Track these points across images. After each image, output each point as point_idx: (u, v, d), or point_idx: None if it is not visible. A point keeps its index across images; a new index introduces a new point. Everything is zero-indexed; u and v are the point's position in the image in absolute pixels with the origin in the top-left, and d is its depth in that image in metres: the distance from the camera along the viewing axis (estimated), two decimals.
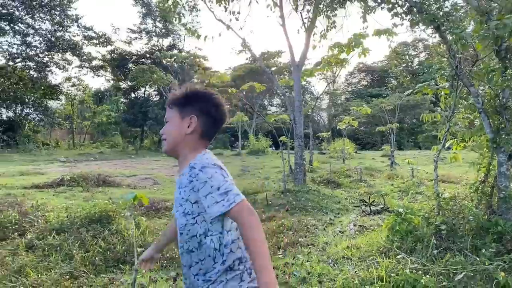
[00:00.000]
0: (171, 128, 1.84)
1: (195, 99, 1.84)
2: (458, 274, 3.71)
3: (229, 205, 1.56)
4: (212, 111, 1.83)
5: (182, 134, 1.80)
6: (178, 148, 1.82)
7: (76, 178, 9.57)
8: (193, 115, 1.81)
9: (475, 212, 4.41)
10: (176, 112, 1.84)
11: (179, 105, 1.85)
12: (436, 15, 4.35)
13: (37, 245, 4.96)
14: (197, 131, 1.81)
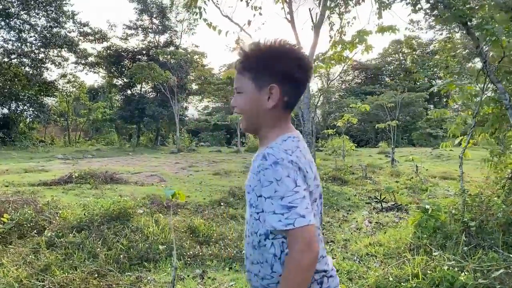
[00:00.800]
0: (246, 102, 1.47)
1: (274, 60, 1.43)
2: (492, 271, 3.70)
3: (285, 225, 1.26)
4: (296, 73, 1.44)
5: (261, 109, 1.45)
6: (258, 125, 1.49)
7: (83, 175, 9.46)
8: (273, 84, 1.42)
9: (504, 209, 4.41)
10: (250, 80, 1.45)
11: (252, 71, 1.45)
12: (465, 11, 4.33)
13: (58, 243, 4.88)
14: (279, 103, 1.44)
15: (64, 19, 30.62)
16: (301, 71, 1.44)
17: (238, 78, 1.49)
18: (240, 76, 1.48)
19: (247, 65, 1.46)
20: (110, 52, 35.27)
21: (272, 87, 1.41)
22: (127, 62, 36.31)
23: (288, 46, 1.44)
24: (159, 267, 4.71)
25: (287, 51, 1.43)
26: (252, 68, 1.44)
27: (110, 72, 37.69)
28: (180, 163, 16.81)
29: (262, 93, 1.43)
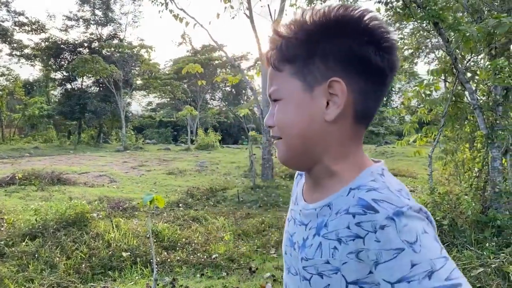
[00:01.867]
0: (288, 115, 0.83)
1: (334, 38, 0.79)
2: (469, 269, 3.76)
3: None
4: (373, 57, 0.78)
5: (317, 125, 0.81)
6: (313, 153, 0.83)
7: (27, 176, 8.73)
8: (335, 78, 0.79)
9: (473, 207, 4.52)
10: (292, 77, 0.82)
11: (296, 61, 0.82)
12: (437, 11, 4.39)
13: (8, 253, 4.39)
14: (347, 108, 0.80)
15: None
16: (379, 52, 0.79)
17: (272, 77, 0.86)
18: (276, 74, 0.85)
19: (287, 53, 0.82)
20: (49, 44, 33.23)
21: (333, 81, 0.78)
22: (67, 54, 34.39)
23: (355, 13, 0.80)
24: (124, 275, 4.37)
25: (354, 21, 0.79)
26: (296, 57, 0.81)
27: (48, 65, 35.55)
28: (129, 162, 16.13)
29: (315, 93, 0.81)
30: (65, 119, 36.73)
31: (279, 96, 0.84)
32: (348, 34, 0.79)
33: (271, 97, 0.86)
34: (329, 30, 0.79)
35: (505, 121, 4.68)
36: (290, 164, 0.88)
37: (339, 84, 0.78)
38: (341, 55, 0.79)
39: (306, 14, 0.81)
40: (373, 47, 0.79)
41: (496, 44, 4.75)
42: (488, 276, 3.74)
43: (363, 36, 0.79)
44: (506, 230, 4.28)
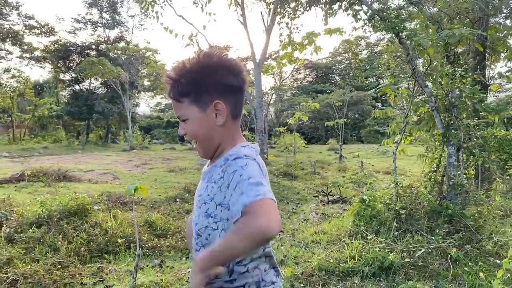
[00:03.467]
0: (195, 127, 1.41)
1: (206, 76, 1.37)
2: (417, 251, 4.30)
3: (255, 196, 1.17)
4: (232, 81, 1.39)
5: (213, 129, 1.40)
6: (216, 146, 1.44)
7: (36, 173, 9.38)
8: (216, 100, 1.37)
9: (429, 198, 5.05)
10: (190, 104, 1.39)
11: (190, 94, 1.38)
12: (397, 23, 4.91)
13: (17, 238, 5.00)
14: (227, 116, 1.40)
15: (7, 10, 29.30)
16: (235, 77, 1.39)
17: (177, 106, 1.41)
18: (178, 104, 1.40)
19: (182, 90, 1.37)
20: (58, 46, 34.10)
21: (216, 103, 1.37)
22: (75, 56, 35.24)
23: (214, 56, 1.38)
24: (118, 258, 4.97)
25: (215, 62, 1.37)
26: (189, 92, 1.37)
27: (57, 67, 36.42)
28: (133, 160, 16.77)
29: (208, 112, 1.38)
30: (73, 120, 37.56)
31: (186, 117, 1.42)
32: (216, 71, 1.38)
33: (180, 118, 1.44)
34: (204, 71, 1.37)
35: (459, 121, 5.18)
36: (207, 156, 1.50)
37: (220, 104, 1.38)
38: (216, 86, 1.38)
39: (187, 61, 1.39)
40: (231, 75, 1.39)
41: (452, 52, 5.25)
42: (434, 257, 4.27)
43: (223, 70, 1.38)
44: (455, 218, 4.80)
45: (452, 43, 4.82)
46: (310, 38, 13.02)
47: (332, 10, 6.14)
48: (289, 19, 9.60)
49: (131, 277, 4.02)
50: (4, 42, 29.82)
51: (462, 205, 4.99)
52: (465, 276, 3.93)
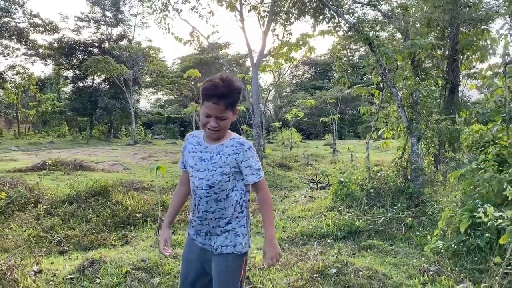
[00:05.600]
0: (227, 124, 2.18)
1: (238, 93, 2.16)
2: (379, 219, 5.36)
3: (259, 178, 2.19)
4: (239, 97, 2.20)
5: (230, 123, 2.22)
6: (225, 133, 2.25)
7: (55, 163, 10.43)
8: (235, 108, 2.20)
9: (394, 180, 6.10)
10: (230, 111, 2.16)
11: (233, 106, 2.17)
12: (368, 34, 5.92)
13: (54, 212, 6.06)
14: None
15: (12, 9, 30.21)
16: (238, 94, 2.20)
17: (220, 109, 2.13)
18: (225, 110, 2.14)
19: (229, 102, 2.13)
20: (61, 44, 35.04)
21: (235, 109, 2.21)
22: (78, 54, 36.19)
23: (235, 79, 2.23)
24: (138, 229, 6.02)
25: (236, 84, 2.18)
26: (232, 105, 2.16)
27: (60, 64, 37.38)
28: (139, 154, 17.82)
29: (234, 115, 2.21)
30: (77, 115, 38.50)
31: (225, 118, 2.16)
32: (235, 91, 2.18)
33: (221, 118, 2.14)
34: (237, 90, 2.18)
35: (420, 116, 6.22)
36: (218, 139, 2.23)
37: (236, 110, 2.26)
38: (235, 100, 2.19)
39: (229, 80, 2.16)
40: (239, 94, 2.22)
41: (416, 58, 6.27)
42: (393, 225, 5.34)
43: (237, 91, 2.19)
44: (414, 195, 5.86)
45: (414, 51, 5.84)
46: (304, 39, 13.99)
47: (317, 21, 7.12)
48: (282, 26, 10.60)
49: (151, 239, 5.08)
50: (11, 39, 30.73)
51: (421, 185, 6.05)
52: (415, 238, 4.99)
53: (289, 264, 4.11)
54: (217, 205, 2.21)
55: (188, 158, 2.32)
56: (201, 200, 2.22)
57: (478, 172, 4.15)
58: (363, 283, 3.49)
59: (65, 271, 3.82)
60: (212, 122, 2.16)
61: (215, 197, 2.20)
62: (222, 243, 2.22)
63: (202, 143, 2.30)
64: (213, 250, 2.23)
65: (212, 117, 2.15)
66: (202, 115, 2.19)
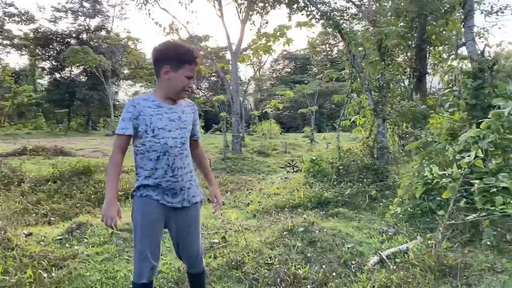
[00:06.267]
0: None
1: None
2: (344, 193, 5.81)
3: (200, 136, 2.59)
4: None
5: None
6: None
7: (35, 148, 10.56)
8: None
9: (361, 158, 6.56)
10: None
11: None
12: (338, 22, 6.33)
13: (38, 189, 6.30)
14: None
15: None
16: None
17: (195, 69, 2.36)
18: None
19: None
20: (38, 35, 34.55)
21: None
22: (55, 45, 35.73)
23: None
24: (120, 204, 6.29)
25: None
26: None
27: (37, 55, 36.83)
28: None
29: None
30: (54, 107, 38.00)
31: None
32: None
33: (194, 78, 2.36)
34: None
35: (385, 99, 6.68)
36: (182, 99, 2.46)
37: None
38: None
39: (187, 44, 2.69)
40: None
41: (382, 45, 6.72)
42: (359, 197, 5.79)
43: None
44: (379, 171, 6.33)
45: (380, 39, 6.28)
46: (281, 30, 14.36)
47: (292, 9, 7.50)
48: (258, 15, 10.93)
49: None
50: None
51: (386, 163, 6.53)
52: (378, 208, 5.45)
53: (262, 227, 4.51)
54: (186, 160, 2.36)
55: (154, 121, 2.29)
56: (176, 158, 2.30)
57: (433, 144, 4.61)
58: (327, 239, 3.90)
59: (54, 234, 4.12)
60: (191, 83, 2.35)
61: (186, 153, 2.36)
62: (193, 194, 2.39)
63: (162, 105, 2.35)
64: (185, 203, 2.35)
65: (191, 79, 2.33)
66: (182, 79, 2.30)
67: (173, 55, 2.30)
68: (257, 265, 3.36)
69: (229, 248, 3.75)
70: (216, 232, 4.38)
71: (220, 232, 4.37)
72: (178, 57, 2.29)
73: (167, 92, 2.37)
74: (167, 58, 2.31)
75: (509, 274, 3.25)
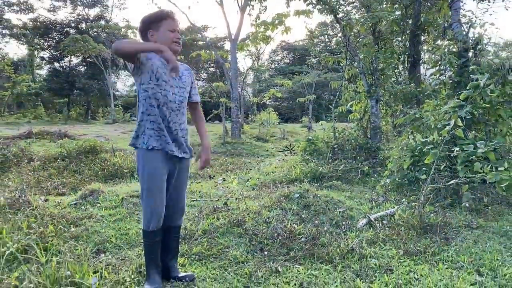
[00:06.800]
0: None
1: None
2: (340, 169, 6.14)
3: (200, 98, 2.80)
4: None
5: None
6: None
7: (40, 132, 10.87)
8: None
9: (355, 137, 6.90)
10: None
11: None
12: (335, 6, 6.62)
13: (48, 167, 6.62)
14: None
15: None
16: None
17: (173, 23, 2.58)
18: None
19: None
20: (37, 24, 34.64)
21: None
22: (55, 34, 35.85)
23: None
24: (126, 181, 6.64)
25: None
26: None
27: (37, 44, 36.93)
28: (119, 130, 18.25)
29: None
30: (54, 96, 38.19)
31: None
32: None
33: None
34: None
35: (378, 81, 7.00)
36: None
37: None
38: None
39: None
40: None
41: (376, 29, 7.02)
42: (352, 172, 6.12)
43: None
44: (372, 150, 6.66)
45: (373, 22, 6.57)
46: (280, 18, 14.59)
47: None
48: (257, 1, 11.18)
49: None
50: None
51: (379, 142, 6.86)
52: (370, 182, 5.78)
53: (261, 195, 4.85)
54: (182, 118, 2.56)
55: (160, 71, 2.48)
56: (172, 112, 2.50)
57: (421, 120, 4.94)
58: (320, 204, 4.24)
59: (69, 200, 4.45)
60: (177, 35, 2.55)
61: (182, 111, 2.57)
62: (186, 150, 2.60)
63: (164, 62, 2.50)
64: (184, 154, 2.57)
65: (175, 32, 2.55)
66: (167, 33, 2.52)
67: (150, 19, 2.55)
68: (256, 223, 3.70)
69: (230, 211, 4.08)
70: (218, 200, 4.72)
71: (222, 199, 4.71)
72: (155, 19, 2.54)
73: None
74: (148, 24, 2.55)
75: (483, 230, 3.60)
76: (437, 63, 5.18)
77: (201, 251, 3.16)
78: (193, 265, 2.97)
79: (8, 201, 3.80)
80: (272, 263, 2.98)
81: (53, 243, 3.16)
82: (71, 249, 3.10)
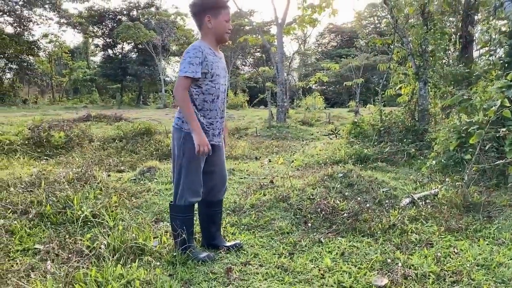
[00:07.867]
0: None
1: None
2: (386, 152, 6.19)
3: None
4: None
5: None
6: None
7: (98, 116, 11.58)
8: None
9: (402, 119, 6.89)
10: None
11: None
12: None
13: (107, 147, 7.14)
14: None
15: None
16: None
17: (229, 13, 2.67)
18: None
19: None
20: (92, 12, 36.19)
21: None
22: (108, 22, 37.35)
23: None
24: None
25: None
26: None
27: (92, 32, 38.63)
28: (170, 114, 18.92)
29: None
30: (107, 82, 39.92)
31: None
32: None
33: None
34: None
35: (426, 63, 6.90)
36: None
37: None
38: None
39: None
40: None
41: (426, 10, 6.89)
42: (398, 155, 6.16)
43: None
44: (419, 132, 6.64)
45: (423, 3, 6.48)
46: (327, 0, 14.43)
47: None
48: None
49: None
50: (44, 8, 31.92)
51: (426, 124, 6.82)
52: (416, 164, 5.80)
53: (305, 175, 5.04)
54: (225, 105, 2.72)
55: (214, 67, 2.57)
56: (223, 102, 2.67)
57: (468, 101, 4.91)
58: (364, 184, 4.37)
59: (128, 176, 4.85)
60: (230, 25, 2.62)
61: (224, 98, 2.71)
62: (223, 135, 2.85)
63: (215, 54, 2.63)
64: (222, 142, 2.77)
65: (228, 22, 2.61)
66: (223, 23, 2.58)
67: (210, 4, 2.55)
68: (301, 199, 3.91)
69: (276, 188, 4.30)
70: (264, 178, 4.96)
71: (268, 177, 4.94)
72: (216, 4, 2.56)
73: (214, 39, 2.62)
74: (206, 8, 2.56)
75: None
76: (487, 43, 5.09)
77: (249, 222, 3.42)
78: (243, 233, 3.23)
79: (76, 175, 4.22)
80: (315, 235, 3.18)
81: (117, 212, 3.53)
82: (133, 217, 3.46)
